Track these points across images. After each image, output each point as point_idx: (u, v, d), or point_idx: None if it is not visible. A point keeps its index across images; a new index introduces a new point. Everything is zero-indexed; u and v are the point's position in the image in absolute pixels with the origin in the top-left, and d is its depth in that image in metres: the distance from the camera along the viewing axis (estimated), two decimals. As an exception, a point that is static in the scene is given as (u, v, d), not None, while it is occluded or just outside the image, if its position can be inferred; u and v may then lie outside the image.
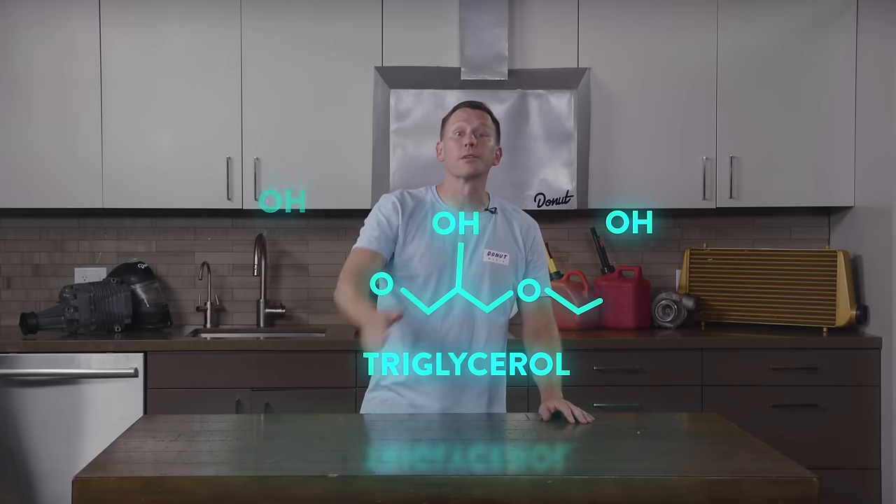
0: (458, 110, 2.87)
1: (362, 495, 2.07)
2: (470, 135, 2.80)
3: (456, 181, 2.85)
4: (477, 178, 2.84)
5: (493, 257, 2.83)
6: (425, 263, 2.79)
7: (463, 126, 2.82)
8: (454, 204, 2.85)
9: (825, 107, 4.34)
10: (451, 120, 2.87)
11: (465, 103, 2.91)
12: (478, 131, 2.82)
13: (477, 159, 2.81)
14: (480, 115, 2.86)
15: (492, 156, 2.87)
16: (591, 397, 4.02)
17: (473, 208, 2.86)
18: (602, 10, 4.32)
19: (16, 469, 3.96)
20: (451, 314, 2.80)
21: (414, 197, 2.87)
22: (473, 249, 2.82)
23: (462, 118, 2.84)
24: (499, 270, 2.83)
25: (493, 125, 2.89)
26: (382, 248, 2.78)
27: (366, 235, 2.81)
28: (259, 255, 4.42)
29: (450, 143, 2.84)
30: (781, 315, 4.35)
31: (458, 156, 2.80)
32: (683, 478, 2.11)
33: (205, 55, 4.27)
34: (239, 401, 3.94)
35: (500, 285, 2.83)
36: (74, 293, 4.15)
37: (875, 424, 4.11)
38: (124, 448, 2.34)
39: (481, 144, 2.82)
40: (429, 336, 2.79)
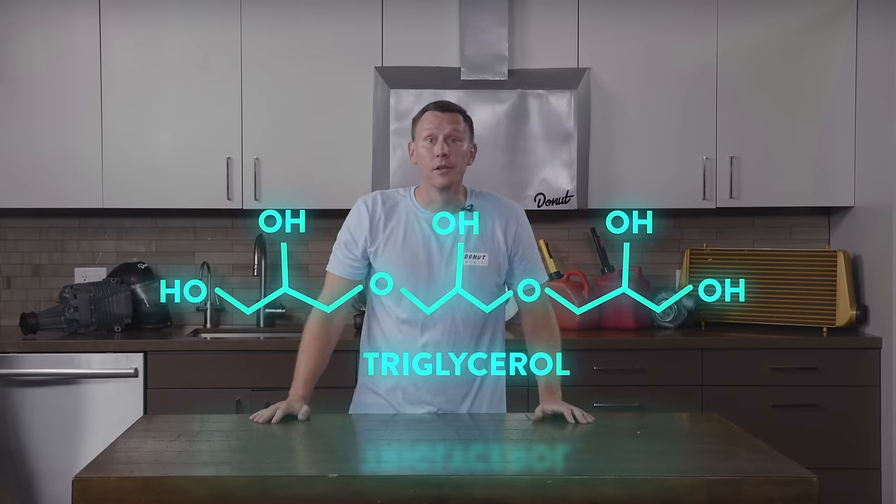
0: (428, 113, 2.77)
1: (362, 495, 2.07)
2: (442, 143, 2.72)
3: (430, 188, 2.79)
4: (451, 187, 2.78)
5: (471, 259, 2.77)
6: (395, 272, 2.75)
7: (434, 133, 2.74)
8: (431, 208, 2.80)
9: (825, 107, 4.34)
10: (421, 123, 2.78)
11: (436, 105, 2.80)
12: (450, 137, 2.74)
13: (451, 169, 2.74)
14: (452, 119, 2.76)
15: (466, 159, 2.80)
16: (591, 397, 4.01)
17: (452, 210, 2.80)
18: (602, 10, 4.32)
19: (16, 469, 3.96)
20: (432, 319, 2.77)
21: (389, 199, 2.83)
22: (450, 254, 2.77)
23: (433, 124, 2.74)
24: (479, 273, 2.78)
25: (466, 126, 2.80)
26: (353, 272, 2.82)
27: (340, 260, 2.83)
28: (259, 255, 4.42)
29: (421, 150, 2.76)
30: (781, 315, 4.35)
31: (431, 167, 2.74)
32: (683, 478, 2.11)
33: (205, 55, 4.27)
34: (239, 401, 3.93)
35: (481, 287, 2.77)
36: (74, 293, 4.15)
37: (875, 424, 4.11)
38: (124, 448, 2.35)
39: (454, 151, 2.74)
40: (410, 342, 2.77)
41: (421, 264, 2.76)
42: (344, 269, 2.82)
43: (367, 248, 2.80)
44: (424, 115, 2.79)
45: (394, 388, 2.83)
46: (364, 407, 2.86)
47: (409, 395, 2.82)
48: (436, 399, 2.81)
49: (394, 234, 2.78)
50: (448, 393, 2.81)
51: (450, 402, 2.82)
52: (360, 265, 2.81)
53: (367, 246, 2.80)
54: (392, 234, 2.78)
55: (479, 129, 4.16)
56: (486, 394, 2.89)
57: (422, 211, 2.81)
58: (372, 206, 2.81)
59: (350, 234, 2.82)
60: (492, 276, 2.81)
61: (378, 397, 2.86)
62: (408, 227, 2.79)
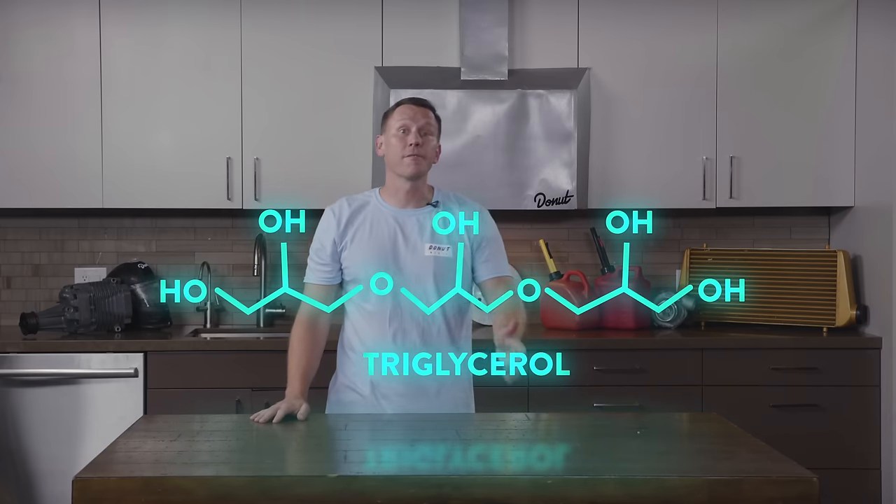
0: (403, 106, 2.86)
1: (362, 495, 2.07)
2: (415, 133, 2.80)
3: (398, 179, 2.85)
4: (420, 177, 2.85)
5: (434, 251, 2.83)
6: (364, 267, 2.81)
7: (408, 124, 2.82)
8: (395, 202, 2.87)
9: (825, 107, 4.34)
10: (394, 116, 2.86)
11: (409, 100, 2.89)
12: (422, 130, 2.82)
13: (421, 159, 2.81)
14: (425, 114, 2.85)
15: (434, 154, 2.88)
16: (591, 397, 4.03)
17: (414, 205, 2.87)
18: (602, 10, 4.32)
19: (16, 469, 3.96)
20: (398, 313, 2.81)
21: (354, 200, 2.90)
22: (415, 245, 2.82)
23: (407, 115, 2.83)
24: (443, 263, 2.82)
25: (436, 123, 2.89)
26: (328, 277, 2.88)
27: (313, 269, 2.90)
28: (259, 255, 4.43)
29: (393, 141, 2.84)
30: (781, 315, 4.35)
31: (403, 154, 2.81)
32: (683, 478, 2.11)
33: (205, 55, 4.27)
34: (239, 401, 3.93)
35: (446, 278, 2.81)
36: (74, 293, 4.15)
37: (875, 424, 4.11)
38: (124, 448, 2.34)
39: (426, 143, 2.82)
40: (378, 336, 2.81)
41: (387, 256, 2.81)
42: (318, 276, 2.90)
43: (336, 250, 2.86)
44: (398, 107, 2.87)
45: (373, 385, 2.84)
46: (342, 406, 2.87)
47: (382, 390, 2.84)
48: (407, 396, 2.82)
49: (360, 230, 2.85)
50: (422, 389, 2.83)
51: (424, 399, 2.83)
52: (333, 269, 2.88)
53: (335, 249, 2.86)
54: (359, 230, 2.85)
55: (480, 129, 4.21)
56: (456, 390, 2.89)
57: (387, 207, 2.87)
58: (339, 210, 2.90)
59: (319, 241, 2.90)
60: (455, 268, 2.83)
61: (357, 395, 2.87)
62: (374, 223, 2.85)
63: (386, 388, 2.84)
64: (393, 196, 2.88)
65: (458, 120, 4.19)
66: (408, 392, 2.83)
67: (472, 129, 4.20)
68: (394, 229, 2.84)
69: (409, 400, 2.82)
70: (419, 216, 2.86)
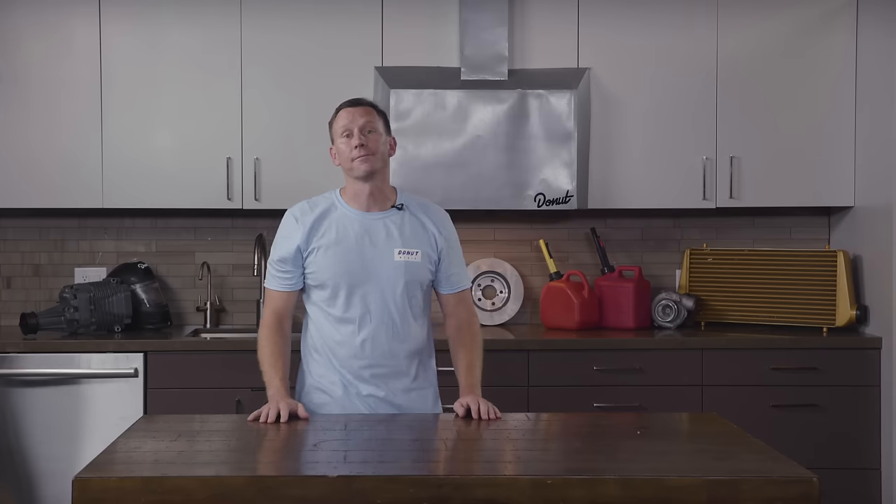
0: (342, 111, 2.86)
1: (362, 495, 2.07)
2: (358, 134, 2.80)
3: (356, 183, 2.85)
4: (375, 175, 2.83)
5: (404, 255, 2.82)
6: (331, 272, 2.81)
7: (349, 127, 2.81)
8: (358, 206, 2.86)
9: (825, 107, 4.34)
10: (336, 122, 2.86)
11: (347, 102, 2.89)
12: (365, 128, 2.81)
13: (371, 156, 2.80)
14: (365, 112, 2.84)
15: (385, 148, 2.87)
16: (591, 397, 4.03)
17: (379, 208, 2.86)
18: (602, 10, 4.32)
19: (16, 469, 3.96)
20: (369, 316, 2.81)
21: (316, 205, 2.88)
22: (384, 250, 2.82)
23: (347, 119, 2.83)
24: (412, 268, 2.82)
25: (380, 117, 2.88)
26: (291, 283, 2.87)
27: (274, 275, 2.88)
28: (259, 255, 4.42)
29: (340, 146, 2.84)
30: (781, 315, 4.35)
31: (351, 157, 2.80)
32: (683, 478, 2.11)
33: (205, 55, 4.27)
34: (239, 401, 3.93)
35: (415, 282, 2.83)
36: (74, 293, 4.15)
37: (875, 424, 4.11)
38: (124, 448, 2.34)
39: (372, 140, 2.81)
40: (347, 342, 2.82)
41: (355, 262, 2.81)
42: (278, 283, 2.88)
43: (299, 256, 2.85)
44: (338, 114, 2.88)
45: (344, 386, 2.85)
46: (314, 408, 2.87)
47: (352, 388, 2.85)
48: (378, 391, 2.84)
49: (326, 237, 2.83)
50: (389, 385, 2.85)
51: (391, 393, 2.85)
52: (294, 276, 2.87)
53: (298, 255, 2.85)
54: (324, 237, 2.83)
55: (480, 129, 4.21)
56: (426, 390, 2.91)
57: (352, 211, 2.86)
58: (300, 215, 2.87)
59: (281, 248, 2.87)
60: (424, 272, 2.86)
61: (327, 396, 2.87)
62: (339, 228, 2.84)
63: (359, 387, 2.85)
64: (354, 200, 2.86)
65: (458, 120, 4.19)
66: (378, 392, 2.85)
67: (472, 129, 4.20)
68: (361, 235, 2.82)
69: (380, 401, 2.84)
70: (385, 220, 2.84)
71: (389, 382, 2.85)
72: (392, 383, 2.85)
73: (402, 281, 2.81)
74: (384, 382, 2.84)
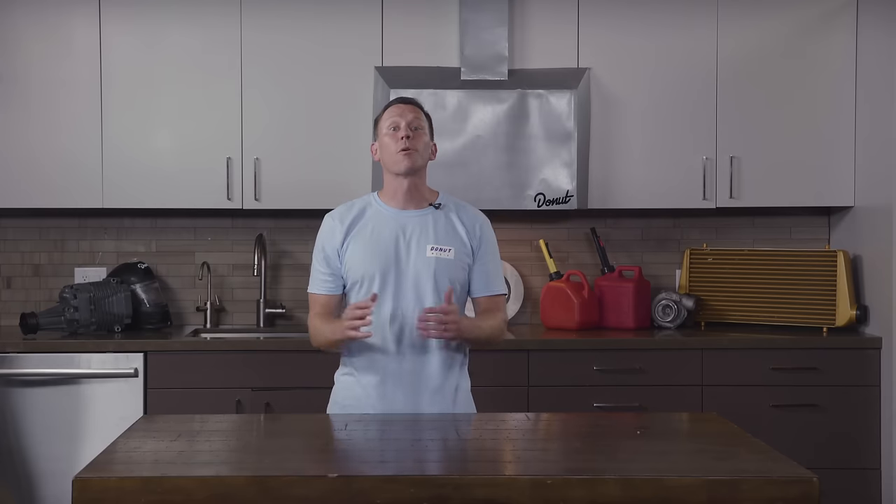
0: (391, 107, 2.88)
1: (362, 495, 2.07)
2: (405, 128, 2.82)
3: (395, 179, 2.86)
4: (415, 173, 2.84)
5: (437, 252, 2.83)
6: (365, 266, 2.82)
7: (397, 121, 2.83)
8: (395, 204, 2.87)
9: (825, 107, 4.34)
10: (384, 117, 2.88)
11: (397, 99, 2.92)
12: (412, 125, 2.83)
13: (414, 152, 2.82)
14: (413, 110, 2.87)
15: (427, 150, 2.89)
16: (591, 397, 4.03)
17: (415, 206, 2.87)
18: (602, 10, 4.32)
19: (16, 469, 3.96)
20: (398, 314, 2.81)
21: (354, 206, 2.91)
22: (417, 246, 2.82)
23: (396, 114, 2.85)
24: (444, 265, 2.82)
25: (427, 120, 2.90)
26: (335, 286, 2.89)
27: (316, 278, 2.90)
28: (259, 255, 4.42)
29: (385, 140, 2.85)
30: (781, 315, 4.35)
31: (395, 150, 2.81)
32: (683, 478, 2.11)
33: (205, 55, 4.27)
34: (239, 401, 3.93)
35: (445, 279, 2.82)
36: (74, 293, 4.15)
37: (875, 424, 4.11)
38: (124, 448, 2.34)
39: (417, 138, 2.83)
40: (378, 336, 2.81)
41: (389, 256, 2.82)
42: (321, 286, 2.90)
43: (338, 256, 2.87)
44: (387, 109, 2.90)
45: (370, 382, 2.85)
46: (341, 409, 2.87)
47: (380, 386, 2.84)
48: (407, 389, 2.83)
49: (362, 232, 2.85)
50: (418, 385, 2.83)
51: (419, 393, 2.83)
52: (336, 278, 2.89)
53: (337, 254, 2.87)
54: (360, 233, 2.85)
55: (480, 129, 4.21)
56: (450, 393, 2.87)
57: (388, 209, 2.87)
58: (338, 215, 2.90)
59: (322, 249, 2.90)
60: (457, 271, 2.84)
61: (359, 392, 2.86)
62: (375, 224, 2.85)
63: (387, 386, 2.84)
64: (392, 198, 2.88)
65: (458, 120, 4.19)
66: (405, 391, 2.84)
67: (472, 129, 4.20)
68: (395, 231, 2.84)
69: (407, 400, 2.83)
70: (421, 217, 2.86)
71: (416, 382, 2.83)
72: (419, 384, 2.83)
73: (431, 277, 2.80)
74: (411, 381, 2.82)
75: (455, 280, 2.84)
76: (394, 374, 2.83)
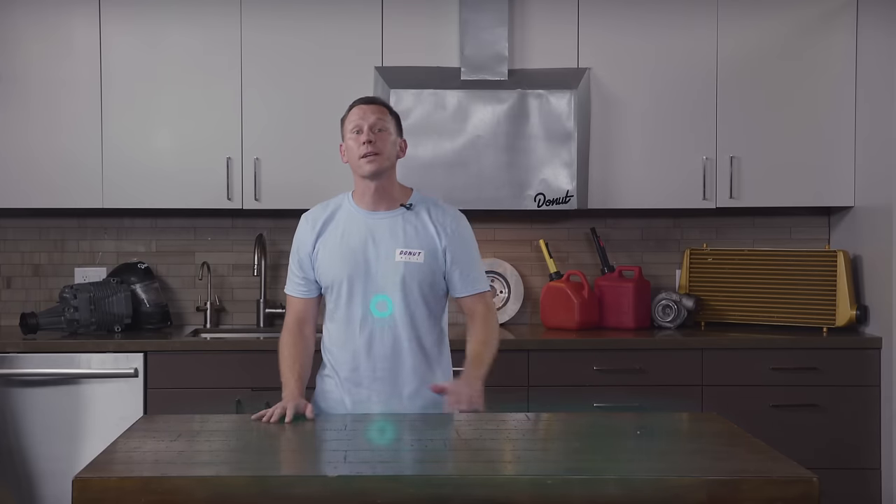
0: (354, 108, 2.84)
1: (362, 495, 2.06)
2: (367, 132, 2.78)
3: (362, 182, 2.83)
4: (382, 174, 2.81)
5: (405, 256, 2.80)
6: (334, 272, 2.81)
7: (360, 124, 2.79)
8: (365, 205, 2.85)
9: (825, 107, 4.34)
10: (347, 119, 2.85)
11: (360, 100, 2.87)
12: (375, 126, 2.79)
13: (378, 156, 2.78)
14: (377, 110, 2.82)
15: (395, 149, 2.84)
16: (591, 397, 4.03)
17: (385, 207, 2.84)
18: (602, 10, 4.32)
19: (16, 469, 3.96)
20: (368, 319, 2.80)
21: (328, 206, 2.90)
22: (386, 250, 2.80)
23: (358, 116, 2.81)
24: (413, 269, 2.79)
25: (392, 118, 2.86)
26: (308, 290, 2.89)
27: (292, 280, 2.91)
28: (259, 255, 4.42)
29: (349, 143, 2.82)
30: (781, 315, 4.35)
31: (359, 155, 2.78)
32: (683, 478, 2.11)
33: (205, 55, 4.27)
34: (239, 401, 3.93)
35: (416, 285, 2.79)
36: (74, 293, 4.15)
37: (875, 424, 4.11)
38: (124, 448, 2.34)
39: (381, 140, 2.79)
40: (351, 344, 2.82)
41: (358, 261, 2.80)
42: (296, 289, 2.91)
43: (311, 258, 2.86)
44: (351, 110, 2.86)
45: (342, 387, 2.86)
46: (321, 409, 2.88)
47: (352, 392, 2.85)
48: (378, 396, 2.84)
49: (332, 235, 2.84)
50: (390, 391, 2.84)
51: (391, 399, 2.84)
52: (309, 281, 2.89)
53: (310, 262, 2.87)
54: (330, 237, 2.84)
55: (480, 129, 4.21)
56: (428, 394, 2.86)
57: (359, 210, 2.85)
58: (312, 218, 2.89)
59: (298, 253, 2.90)
60: (426, 274, 2.81)
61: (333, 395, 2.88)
62: (345, 228, 2.84)
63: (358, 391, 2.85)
64: (361, 199, 2.85)
65: (458, 120, 4.19)
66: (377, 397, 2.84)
67: (472, 129, 4.20)
68: (364, 235, 2.81)
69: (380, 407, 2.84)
70: (391, 219, 2.83)
71: (391, 388, 2.83)
72: (394, 389, 2.83)
73: (399, 281, 2.79)
74: (385, 388, 2.83)
75: (425, 283, 2.81)
76: (367, 378, 2.83)
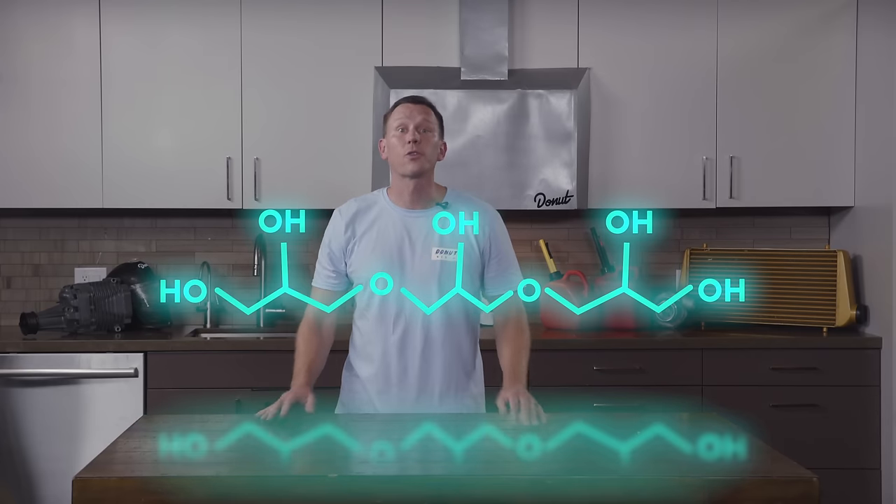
0: (400, 106, 2.82)
1: (362, 495, 2.07)
2: (413, 131, 2.76)
3: (401, 180, 2.82)
4: (422, 175, 2.80)
5: (442, 255, 2.79)
6: (370, 269, 2.78)
7: (405, 122, 2.77)
8: (402, 203, 2.83)
9: (825, 107, 4.34)
10: (392, 116, 2.82)
11: (407, 98, 2.85)
12: (421, 127, 2.78)
13: (421, 156, 2.77)
14: (423, 111, 2.80)
15: (436, 151, 2.84)
16: (591, 397, 4.03)
17: (422, 205, 2.83)
18: (602, 10, 4.32)
19: (16, 469, 3.96)
20: (402, 317, 2.79)
21: (363, 201, 2.88)
22: (422, 249, 2.79)
23: (404, 114, 2.79)
24: (449, 268, 2.78)
25: (437, 120, 2.85)
26: (338, 283, 2.87)
27: (320, 273, 2.89)
28: (259, 255, 4.43)
29: (392, 140, 2.80)
30: (781, 315, 4.35)
31: (402, 153, 2.77)
32: (683, 478, 2.11)
33: (205, 55, 4.27)
34: (239, 401, 3.93)
35: (450, 283, 2.76)
36: (74, 293, 4.15)
37: (875, 424, 4.11)
38: (124, 448, 2.34)
39: (425, 140, 2.78)
40: (383, 341, 2.81)
41: (392, 258, 2.78)
42: (324, 281, 2.89)
43: (343, 252, 2.84)
44: (396, 108, 2.83)
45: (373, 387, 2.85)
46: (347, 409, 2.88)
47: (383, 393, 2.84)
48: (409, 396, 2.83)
49: (368, 232, 2.82)
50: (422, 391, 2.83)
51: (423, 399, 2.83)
52: (339, 274, 2.87)
53: (342, 251, 2.84)
54: (366, 234, 2.82)
55: (480, 129, 4.21)
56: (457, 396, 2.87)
57: (395, 208, 2.84)
58: (346, 212, 2.87)
59: (329, 246, 2.88)
60: (463, 273, 2.78)
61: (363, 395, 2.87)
62: (381, 224, 2.82)
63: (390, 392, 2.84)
64: (399, 197, 2.84)
65: (458, 120, 4.19)
66: (408, 397, 2.83)
67: (472, 129, 4.20)
68: (401, 233, 2.80)
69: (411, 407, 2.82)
70: (427, 218, 2.81)
71: (421, 387, 2.82)
72: (424, 388, 2.82)
73: (435, 280, 2.77)
74: (416, 386, 2.81)
75: (460, 281, 2.80)
76: (398, 377, 2.82)
